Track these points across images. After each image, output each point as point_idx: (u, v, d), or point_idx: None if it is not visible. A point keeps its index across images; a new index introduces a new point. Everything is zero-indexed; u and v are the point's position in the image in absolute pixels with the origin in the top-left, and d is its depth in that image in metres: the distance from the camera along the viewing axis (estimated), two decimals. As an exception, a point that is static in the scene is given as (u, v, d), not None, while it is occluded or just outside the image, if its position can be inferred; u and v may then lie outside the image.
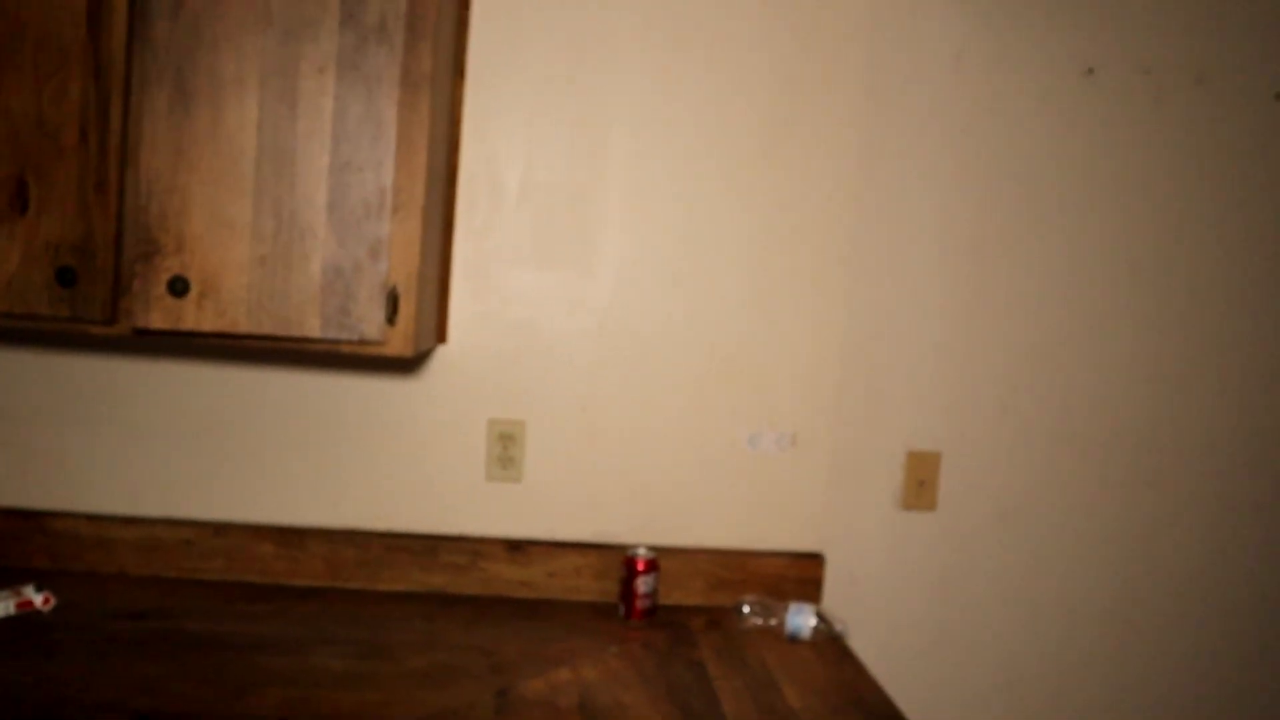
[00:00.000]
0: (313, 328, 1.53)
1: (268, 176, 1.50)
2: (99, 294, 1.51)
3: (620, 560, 1.92)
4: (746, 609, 1.91)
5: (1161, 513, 2.16)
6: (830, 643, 1.85)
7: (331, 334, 1.54)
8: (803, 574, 2.02)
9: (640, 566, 1.88)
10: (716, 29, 1.94)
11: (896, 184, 2.03)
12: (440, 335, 1.91)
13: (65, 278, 1.49)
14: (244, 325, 1.51)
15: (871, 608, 2.07)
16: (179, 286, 1.49)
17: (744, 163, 1.97)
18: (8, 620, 1.63)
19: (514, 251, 1.94)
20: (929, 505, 2.06)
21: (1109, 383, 2.12)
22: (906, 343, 2.05)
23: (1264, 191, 2.14)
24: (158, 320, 1.50)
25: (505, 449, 1.95)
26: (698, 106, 1.95)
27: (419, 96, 1.54)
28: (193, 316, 1.50)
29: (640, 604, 1.88)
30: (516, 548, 1.96)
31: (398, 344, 1.58)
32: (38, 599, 1.68)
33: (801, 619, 1.85)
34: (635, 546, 1.93)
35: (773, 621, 1.88)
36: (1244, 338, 2.15)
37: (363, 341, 1.55)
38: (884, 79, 2.00)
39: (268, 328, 1.52)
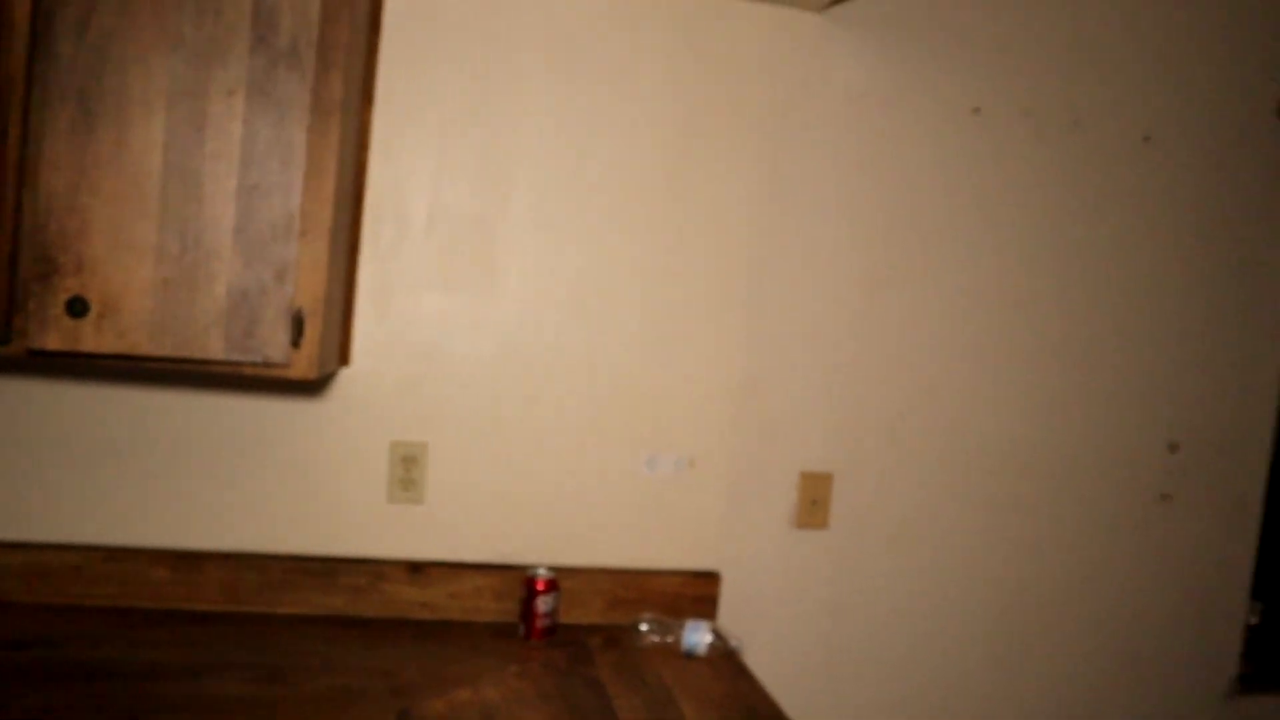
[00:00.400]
0: (216, 350, 1.53)
1: (174, 198, 1.49)
2: (-9, 313, 1.48)
3: (521, 580, 1.95)
4: (644, 627, 1.95)
5: (1036, 533, 2.28)
6: (725, 659, 1.91)
7: (235, 356, 1.53)
8: (699, 592, 2.07)
9: (540, 586, 1.91)
10: (623, 66, 2.00)
11: (795, 218, 2.10)
12: (344, 358, 1.91)
13: (-45, 296, 1.46)
14: (145, 347, 1.50)
15: (766, 623, 2.14)
16: (78, 307, 1.47)
17: (648, 195, 2.02)
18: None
19: (419, 276, 1.95)
20: (821, 524, 2.14)
21: (991, 411, 2.23)
22: (801, 368, 2.13)
23: (1135, 229, 2.29)
24: (54, 341, 1.48)
25: (407, 471, 1.96)
26: (604, 141, 2.00)
27: (329, 122, 1.55)
28: (92, 338, 1.48)
29: (540, 623, 1.91)
30: (417, 569, 1.97)
31: (302, 366, 1.58)
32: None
33: (698, 636, 1.91)
34: (535, 567, 1.96)
35: (670, 639, 1.94)
36: (1114, 370, 2.30)
37: (267, 364, 1.55)
38: (785, 117, 2.08)
39: (170, 349, 1.51)
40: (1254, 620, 2.52)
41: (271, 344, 1.55)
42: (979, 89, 2.18)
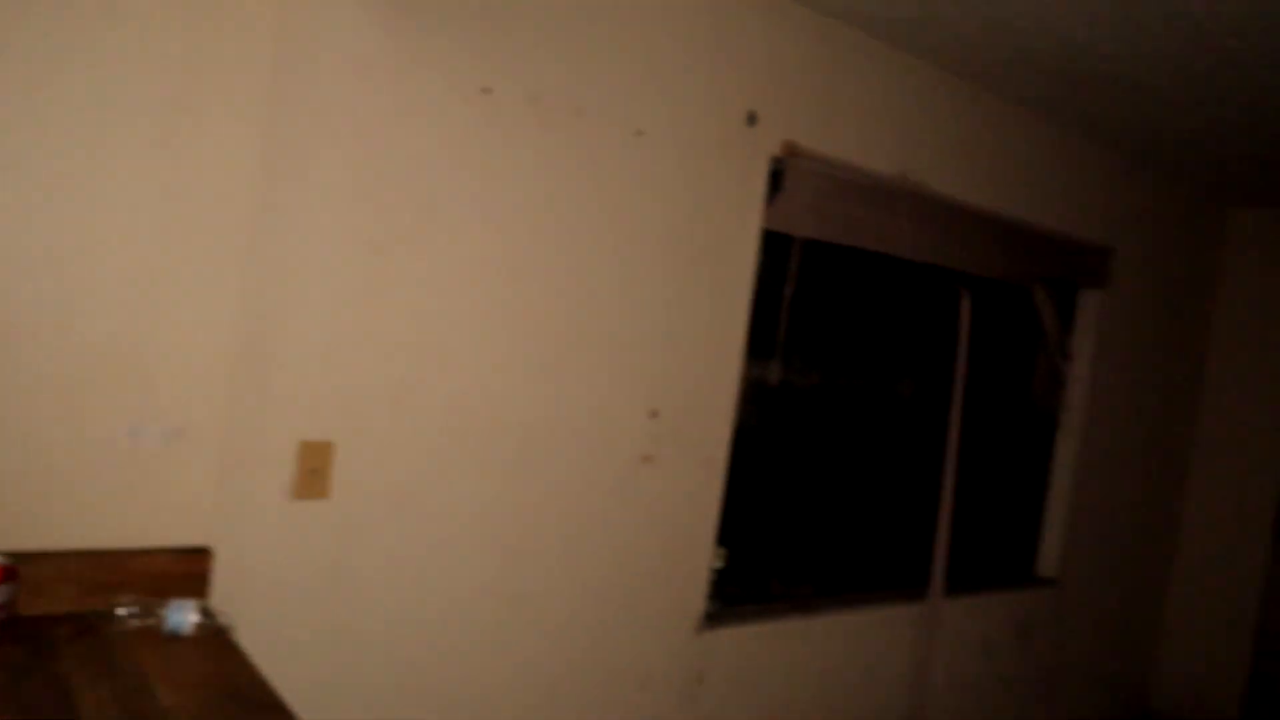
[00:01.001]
0: None
1: None
2: None
3: (-31, 571, 1.72)
4: (123, 611, 1.82)
5: (534, 493, 2.44)
6: (213, 638, 1.83)
7: None
8: (189, 569, 1.96)
9: (-7, 576, 1.71)
10: (103, -5, 1.80)
11: (300, 183, 2.03)
12: None
13: None
14: None
15: (265, 598, 2.07)
16: None
17: (137, 146, 1.85)
18: None
19: None
20: (322, 493, 2.11)
21: (493, 379, 2.34)
22: (301, 336, 2.06)
23: (624, 216, 2.51)
24: None
25: None
26: (91, 77, 1.79)
27: None
28: None
29: (-7, 618, 1.71)
30: None
31: None
32: None
33: (182, 616, 1.82)
34: (-13, 554, 1.74)
35: (152, 621, 1.82)
36: (603, 343, 2.51)
37: None
38: (293, 76, 1.99)
39: None
40: (719, 564, 2.92)
41: None
42: (488, 69, 2.23)
